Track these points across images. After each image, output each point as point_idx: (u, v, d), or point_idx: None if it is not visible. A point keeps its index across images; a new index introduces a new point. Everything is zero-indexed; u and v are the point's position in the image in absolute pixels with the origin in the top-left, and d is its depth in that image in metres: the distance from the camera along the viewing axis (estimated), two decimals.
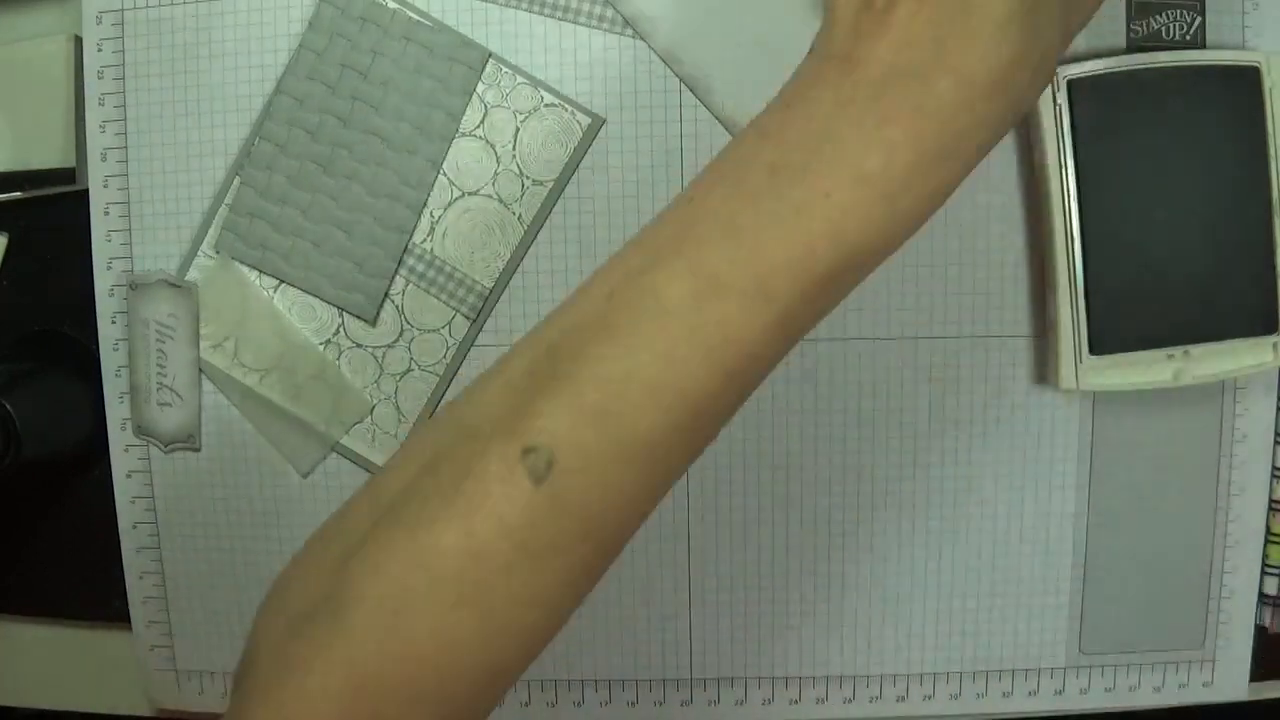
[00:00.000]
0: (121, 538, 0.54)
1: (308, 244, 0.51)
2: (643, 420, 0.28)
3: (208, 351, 0.52)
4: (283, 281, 0.51)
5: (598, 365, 0.29)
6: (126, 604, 0.54)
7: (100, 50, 0.51)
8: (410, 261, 0.50)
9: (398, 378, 0.51)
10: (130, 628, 0.54)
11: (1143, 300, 0.47)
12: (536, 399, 0.29)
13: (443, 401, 0.51)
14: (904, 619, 0.51)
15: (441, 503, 0.29)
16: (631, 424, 0.28)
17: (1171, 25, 0.48)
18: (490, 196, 0.50)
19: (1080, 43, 0.48)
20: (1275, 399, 0.50)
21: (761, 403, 0.50)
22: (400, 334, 0.51)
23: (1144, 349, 0.47)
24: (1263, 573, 0.51)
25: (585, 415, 0.28)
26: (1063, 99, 0.46)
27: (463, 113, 0.49)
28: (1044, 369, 0.50)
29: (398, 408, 0.52)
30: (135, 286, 0.52)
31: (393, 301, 0.51)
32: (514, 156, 0.50)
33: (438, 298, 0.51)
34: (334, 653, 0.28)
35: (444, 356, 0.51)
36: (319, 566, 0.31)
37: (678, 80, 0.49)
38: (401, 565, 0.28)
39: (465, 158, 0.50)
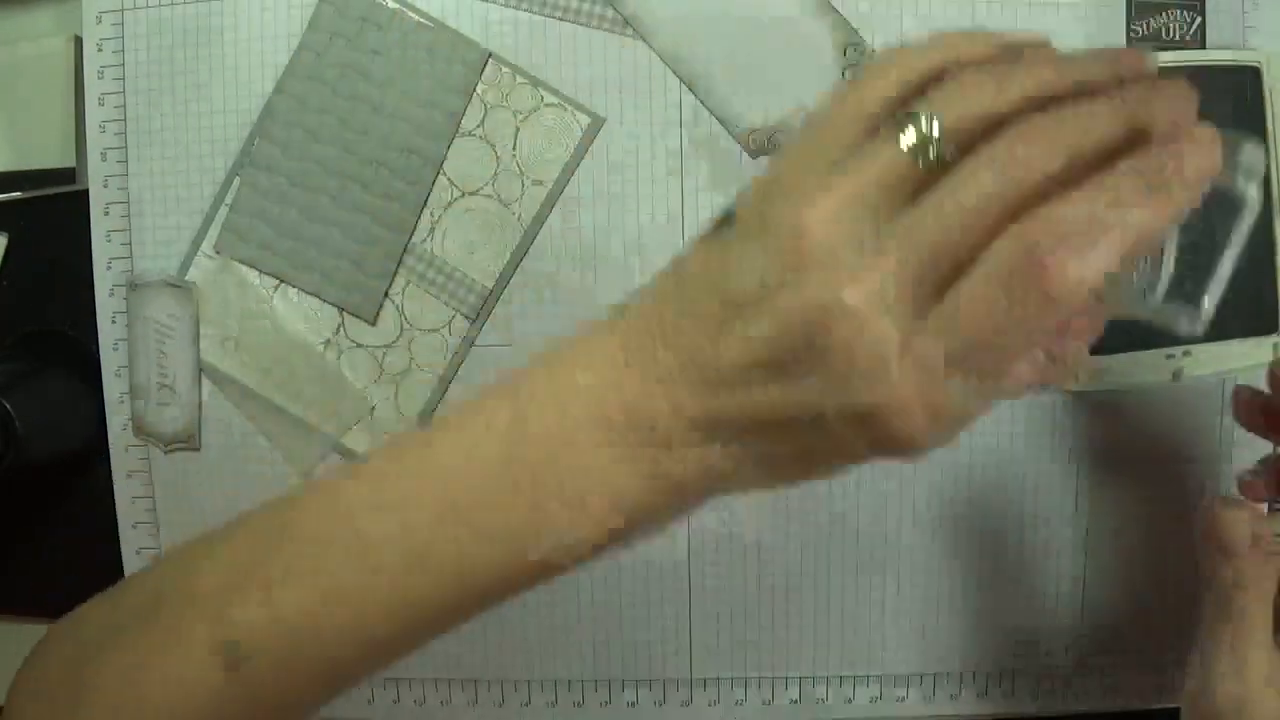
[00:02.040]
0: (121, 538, 0.53)
1: (308, 244, 0.51)
2: (331, 643, 0.29)
3: (208, 351, 0.52)
4: (283, 281, 0.51)
5: (301, 578, 0.29)
6: None
7: (100, 50, 0.51)
8: (410, 261, 0.50)
9: (398, 378, 0.51)
10: None
11: None
12: (242, 590, 0.29)
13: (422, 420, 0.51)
14: (904, 619, 0.51)
15: (144, 659, 0.30)
16: (322, 643, 0.29)
17: (1171, 25, 0.48)
18: (490, 196, 0.50)
19: (1080, 43, 0.48)
20: None
21: None
22: (400, 334, 0.51)
23: (1144, 349, 0.47)
24: None
25: (282, 624, 0.29)
26: None
27: (463, 113, 0.49)
28: None
29: (398, 408, 0.52)
30: (135, 286, 0.52)
31: (393, 301, 0.51)
32: (514, 156, 0.50)
33: (438, 298, 0.51)
34: None
35: (444, 356, 0.51)
36: (51, 680, 0.32)
37: (678, 80, 0.49)
38: (113, 699, 0.30)
39: (465, 158, 0.50)
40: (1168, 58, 0.46)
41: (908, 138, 0.25)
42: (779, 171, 0.26)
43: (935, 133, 0.24)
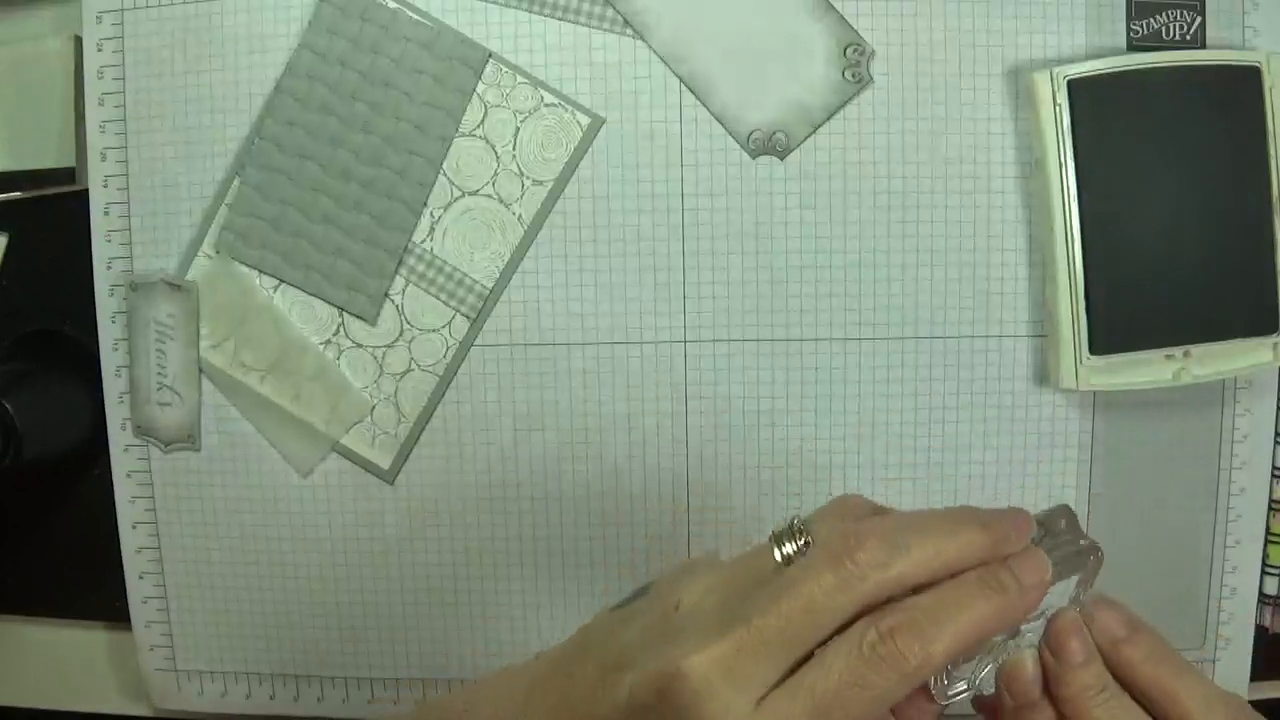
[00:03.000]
0: (121, 538, 0.53)
1: (308, 244, 0.51)
2: None
3: (208, 351, 0.52)
4: (283, 281, 0.51)
5: None
6: (126, 604, 0.54)
7: (100, 50, 0.51)
8: (410, 261, 0.50)
9: (398, 378, 0.51)
10: (130, 628, 0.54)
11: (1143, 300, 0.47)
12: None
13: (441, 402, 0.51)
14: None
15: None
16: None
17: (1171, 25, 0.48)
18: (490, 196, 0.50)
19: (1080, 43, 0.48)
20: (1275, 399, 0.50)
21: (761, 402, 0.50)
22: (400, 334, 0.51)
23: (1144, 349, 0.47)
24: (1263, 573, 0.51)
25: None
26: (1063, 99, 0.46)
27: (463, 113, 0.49)
28: (1044, 369, 0.50)
29: (398, 408, 0.51)
30: (135, 286, 0.52)
31: (393, 301, 0.51)
32: (514, 156, 0.50)
33: (438, 298, 0.51)
34: None
35: (444, 356, 0.51)
36: None
37: (678, 80, 0.49)
38: None
39: (465, 158, 0.50)
40: (1167, 58, 0.46)
41: (786, 548, 0.29)
42: (689, 572, 0.31)
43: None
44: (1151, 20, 0.48)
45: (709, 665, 0.27)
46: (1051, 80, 0.46)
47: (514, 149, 0.50)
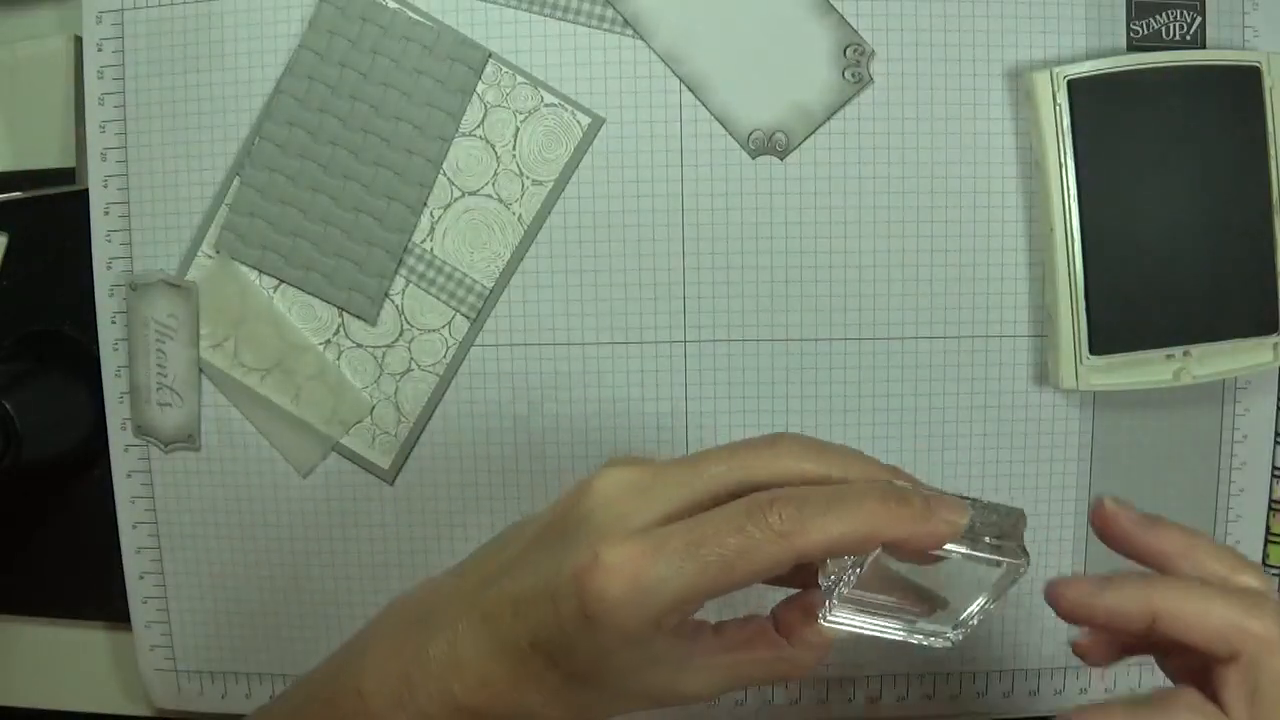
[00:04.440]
0: (121, 538, 0.53)
1: (308, 244, 0.51)
2: None
3: (208, 351, 0.52)
4: (283, 281, 0.51)
5: None
6: (126, 604, 0.54)
7: (100, 50, 0.51)
8: (410, 261, 0.50)
9: (398, 378, 0.51)
10: (130, 628, 0.54)
11: (1143, 300, 0.47)
12: None
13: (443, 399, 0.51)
14: None
15: None
16: None
17: (1171, 25, 0.48)
18: (490, 196, 0.50)
19: (1080, 43, 0.48)
20: (1275, 399, 0.50)
21: (761, 402, 0.50)
22: (400, 334, 0.51)
23: (1144, 349, 0.47)
24: None
25: None
26: (1063, 99, 0.46)
27: (463, 112, 0.49)
28: (1044, 369, 0.50)
29: (398, 408, 0.52)
30: (135, 286, 0.52)
31: (393, 301, 0.51)
32: (514, 156, 0.50)
33: (438, 298, 0.51)
34: None
35: (444, 356, 0.51)
36: None
37: (678, 80, 0.49)
38: None
39: (465, 157, 0.50)
40: (1167, 58, 0.46)
41: None
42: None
43: None
44: (1151, 20, 0.48)
45: (617, 481, 0.30)
46: (1051, 80, 0.46)
47: (514, 149, 0.50)
